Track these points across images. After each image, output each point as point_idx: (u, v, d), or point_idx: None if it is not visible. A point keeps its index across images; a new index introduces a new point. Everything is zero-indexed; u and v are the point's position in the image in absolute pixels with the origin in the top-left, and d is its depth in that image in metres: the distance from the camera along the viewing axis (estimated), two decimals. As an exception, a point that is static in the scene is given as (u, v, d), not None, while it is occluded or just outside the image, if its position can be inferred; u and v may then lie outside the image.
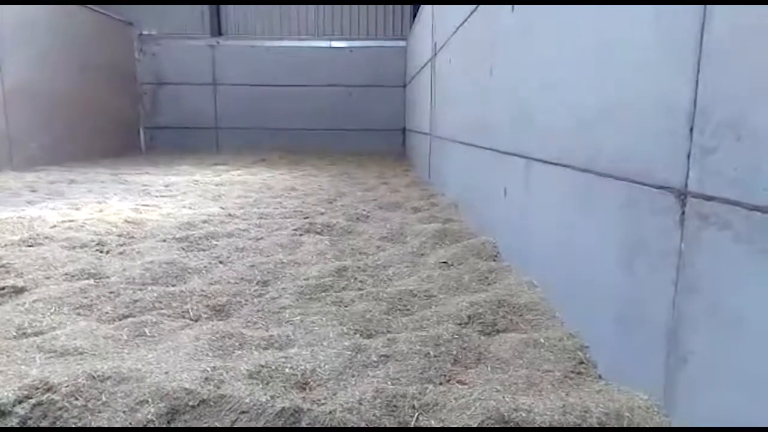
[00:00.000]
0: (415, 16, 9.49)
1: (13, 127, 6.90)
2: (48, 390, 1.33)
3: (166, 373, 1.38)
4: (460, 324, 1.89)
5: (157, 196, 4.76)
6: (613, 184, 1.53)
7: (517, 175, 2.52)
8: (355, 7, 11.30)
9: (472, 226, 3.38)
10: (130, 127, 10.48)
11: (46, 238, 2.95)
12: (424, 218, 3.66)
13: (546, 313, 1.96)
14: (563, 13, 1.97)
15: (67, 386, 1.34)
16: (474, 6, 3.47)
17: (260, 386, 1.38)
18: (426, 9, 6.70)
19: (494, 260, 2.68)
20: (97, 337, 1.67)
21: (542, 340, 1.74)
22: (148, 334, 1.74)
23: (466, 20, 3.80)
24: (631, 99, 1.44)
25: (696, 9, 1.13)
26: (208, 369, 1.42)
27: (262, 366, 1.49)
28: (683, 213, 1.19)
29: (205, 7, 11.03)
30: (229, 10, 11.26)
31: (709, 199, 1.10)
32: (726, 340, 1.06)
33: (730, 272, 1.04)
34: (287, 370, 1.50)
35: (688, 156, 1.16)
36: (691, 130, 1.14)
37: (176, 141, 10.81)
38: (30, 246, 2.83)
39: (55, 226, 3.27)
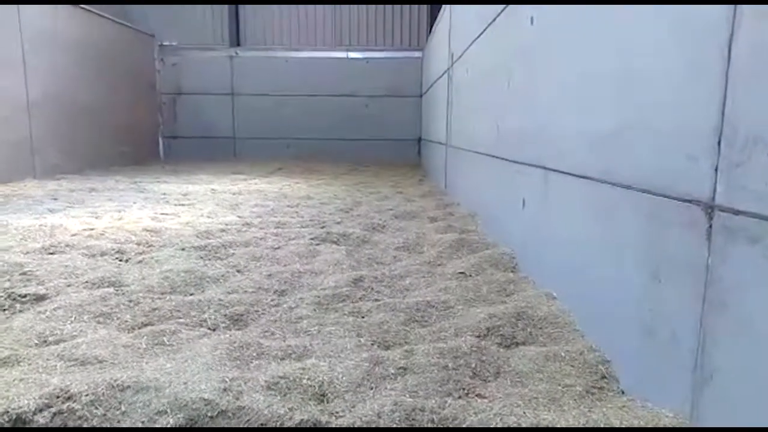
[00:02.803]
0: (431, 27, 9.53)
1: (36, 136, 7.02)
2: (68, 399, 1.34)
3: (185, 383, 1.38)
4: (478, 336, 1.87)
5: (175, 205, 4.81)
6: (636, 196, 1.51)
7: (536, 186, 2.50)
8: (372, 18, 11.38)
9: (489, 236, 3.36)
10: (150, 137, 10.62)
11: (67, 246, 2.99)
12: (441, 228, 3.64)
13: (566, 326, 1.93)
14: (584, 24, 1.95)
15: (87, 395, 1.35)
16: (492, 18, 3.47)
17: (278, 398, 1.38)
18: (443, 20, 6.72)
19: (512, 271, 2.66)
20: (117, 346, 1.68)
21: (563, 354, 1.71)
22: (167, 343, 1.75)
23: (483, 32, 3.80)
24: (655, 110, 1.42)
25: (724, 18, 1.12)
26: (227, 379, 1.42)
27: (281, 377, 1.49)
28: (710, 227, 1.17)
29: (225, 18, 11.19)
30: (247, 22, 11.41)
31: (738, 213, 1.08)
32: (755, 358, 1.03)
33: (760, 288, 1.02)
34: (305, 381, 1.49)
35: (716, 169, 1.14)
36: (719, 143, 1.12)
37: (195, 150, 10.93)
38: (51, 254, 2.87)
39: (75, 234, 3.31)
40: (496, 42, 3.43)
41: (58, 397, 1.34)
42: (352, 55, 10.98)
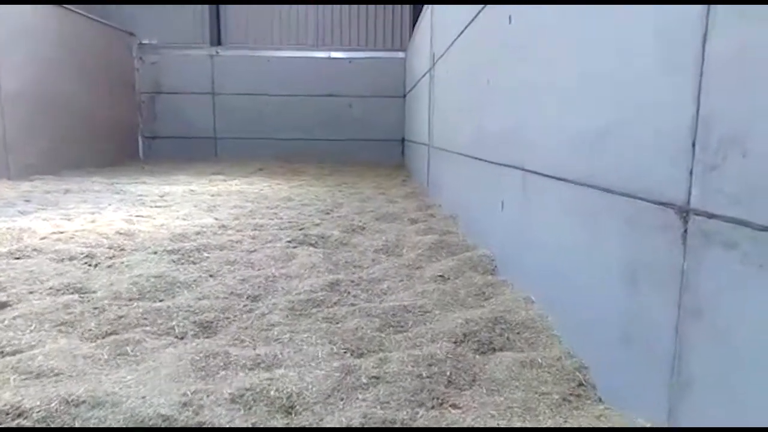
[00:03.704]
0: (414, 26, 9.49)
1: (10, 136, 6.85)
2: (19, 415, 1.27)
3: (143, 397, 1.31)
4: (455, 342, 1.82)
5: (151, 207, 4.71)
6: (612, 198, 1.47)
7: (515, 187, 2.47)
8: (354, 18, 11.31)
9: (469, 238, 3.32)
10: (129, 136, 10.45)
11: (35, 250, 2.89)
12: (421, 230, 3.60)
13: (544, 331, 1.90)
14: (561, 24, 1.92)
15: (39, 411, 1.28)
16: (472, 16, 3.43)
17: (242, 412, 1.32)
18: (425, 19, 6.69)
19: (491, 274, 2.62)
20: (76, 356, 1.60)
21: (540, 360, 1.67)
22: (130, 353, 1.68)
23: (463, 31, 3.76)
24: (629, 111, 1.39)
25: (698, 18, 1.08)
26: (189, 392, 1.35)
27: (246, 389, 1.43)
28: (685, 231, 1.13)
29: (206, 17, 11.05)
30: (229, 20, 11.28)
31: (712, 216, 1.04)
32: (732, 368, 1.00)
33: (736, 295, 0.98)
34: (272, 392, 1.43)
35: (690, 172, 1.10)
36: (693, 144, 1.09)
37: (175, 150, 10.77)
38: (17, 258, 2.77)
39: (44, 237, 3.21)
40: (476, 41, 3.40)
41: (8, 413, 1.27)
42: (335, 55, 10.90)
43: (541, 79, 2.12)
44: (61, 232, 3.35)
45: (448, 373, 1.60)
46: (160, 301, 2.23)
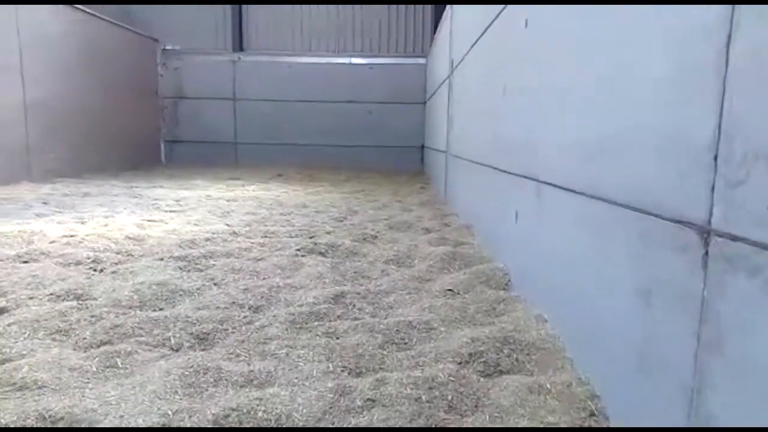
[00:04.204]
0: (435, 32, 9.42)
1: (33, 140, 6.95)
2: (-6, 431, 1.22)
3: (122, 416, 1.25)
4: (459, 363, 1.73)
5: (166, 211, 4.70)
6: (626, 213, 1.37)
7: (528, 198, 2.36)
8: (375, 23, 11.29)
9: (485, 250, 3.22)
10: (151, 141, 10.56)
11: (42, 253, 2.88)
12: (434, 240, 3.50)
13: (555, 353, 1.79)
14: (575, 28, 1.82)
15: (14, 428, 1.22)
16: (489, 21, 3.34)
17: (232, 427, 1.24)
18: (445, 25, 6.61)
19: (504, 289, 2.51)
20: (63, 368, 1.55)
21: (548, 386, 1.57)
22: (120, 365, 1.62)
23: (481, 36, 3.67)
24: (644, 121, 1.28)
25: (721, 20, 0.98)
26: (170, 412, 1.28)
27: (233, 409, 1.35)
28: (706, 253, 1.03)
29: (228, 23, 11.14)
30: (251, 27, 11.36)
31: (736, 239, 0.94)
32: (757, 408, 0.89)
33: (762, 328, 0.87)
34: (260, 414, 1.36)
35: (712, 188, 1.00)
36: (716, 158, 0.98)
37: (195, 155, 10.86)
38: (24, 262, 2.76)
39: (54, 241, 3.20)
40: (493, 47, 3.30)
41: (-18, 429, 1.22)
42: (356, 61, 10.88)
43: (555, 87, 2.02)
44: (72, 236, 3.34)
45: (449, 398, 1.51)
46: (160, 310, 2.18)
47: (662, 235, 1.18)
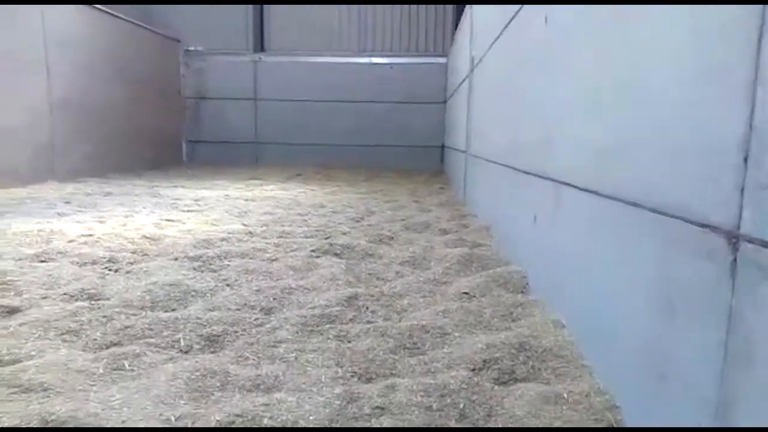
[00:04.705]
0: (456, 31, 9.33)
1: (59, 139, 7.06)
2: (-5, 434, 1.20)
3: (123, 421, 1.22)
4: (473, 369, 1.67)
5: (184, 211, 4.72)
6: (648, 217, 1.30)
7: (547, 199, 2.29)
8: (396, 23, 11.23)
9: (503, 252, 3.15)
10: (173, 141, 10.67)
11: (59, 253, 2.89)
12: (451, 241, 3.44)
13: (573, 361, 1.72)
14: (596, 25, 1.75)
15: (14, 427, 1.20)
16: (509, 19, 3.27)
17: (232, 427, 1.21)
18: (465, 23, 6.53)
19: (521, 293, 2.44)
20: (70, 370, 1.53)
21: (565, 395, 1.50)
22: (127, 368, 1.60)
23: (501, 34, 3.60)
24: (670, 121, 1.21)
25: (751, 17, 0.91)
26: (173, 418, 1.26)
27: (237, 415, 1.32)
28: (735, 260, 0.96)
29: (249, 24, 11.19)
30: (272, 27, 11.39)
31: (767, 245, 0.87)
32: (790, 430, 0.82)
33: (796, 344, 0.81)
34: (266, 420, 1.32)
35: (741, 191, 0.93)
36: (746, 159, 0.92)
37: (217, 155, 10.94)
38: (42, 261, 2.78)
39: (72, 240, 3.22)
40: (513, 45, 3.23)
41: (-16, 432, 1.20)
42: (376, 60, 10.85)
43: (575, 85, 1.95)
44: (90, 235, 3.36)
45: (461, 406, 1.45)
46: (172, 310, 2.16)
47: (686, 240, 1.12)
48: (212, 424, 1.26)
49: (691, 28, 1.14)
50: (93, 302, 2.16)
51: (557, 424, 1.37)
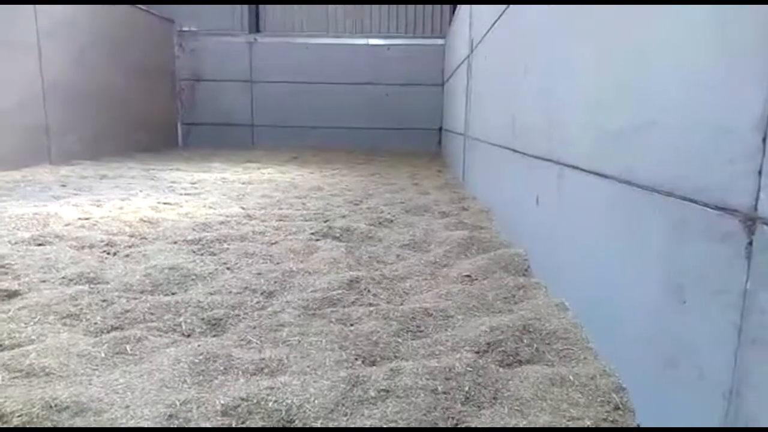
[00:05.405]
0: (454, 12, 9.22)
1: (52, 121, 6.97)
2: (-2, 419, 1.19)
3: (127, 406, 1.21)
4: (477, 352, 1.67)
5: (181, 194, 4.68)
6: (659, 199, 1.28)
7: (550, 182, 2.27)
8: (394, 5, 11.09)
9: (503, 234, 3.14)
10: (168, 123, 10.57)
11: (57, 236, 2.86)
12: (452, 224, 3.42)
13: (577, 343, 1.72)
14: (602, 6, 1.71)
15: (19, 416, 1.19)
16: (510, -3, 3.22)
17: (234, 426, 1.20)
18: (464, 5, 6.44)
19: (524, 275, 2.44)
20: (71, 354, 1.52)
21: (571, 377, 1.50)
22: (129, 352, 1.59)
23: (502, 14, 3.55)
24: (684, 101, 1.19)
25: (775, -17, 0.89)
26: (177, 402, 1.24)
27: (242, 399, 1.31)
28: (750, 243, 0.94)
29: (245, 5, 11.03)
30: (267, 7, 11.24)
31: (787, 227, 0.85)
32: (807, 413, 0.81)
33: (815, 326, 0.79)
34: (270, 404, 1.31)
35: (759, 172, 0.91)
36: (764, 140, 0.89)
37: (212, 137, 10.85)
38: (39, 245, 2.75)
39: (69, 224, 3.19)
40: (514, 25, 3.18)
41: (-13, 417, 1.19)
42: (373, 41, 10.73)
43: (582, 65, 1.92)
44: (87, 219, 3.32)
45: (466, 389, 1.45)
46: (172, 294, 2.14)
47: (699, 223, 1.10)
48: (217, 408, 1.25)
49: (710, 7, 1.11)
50: (92, 286, 2.13)
51: (564, 406, 1.36)
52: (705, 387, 1.07)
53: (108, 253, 2.67)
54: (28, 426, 1.17)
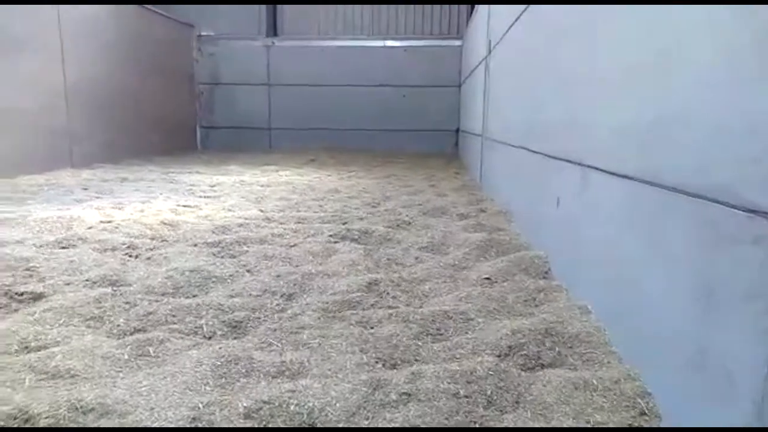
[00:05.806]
0: (471, 13, 9.19)
1: (74, 125, 7.08)
2: (26, 421, 1.21)
3: (152, 408, 1.22)
4: (498, 356, 1.65)
5: (200, 197, 4.73)
6: (686, 201, 1.26)
7: (572, 183, 2.25)
8: (411, 6, 11.09)
9: (522, 237, 3.11)
10: (187, 126, 10.69)
11: (80, 239, 2.91)
12: (470, 226, 3.41)
13: (601, 347, 1.69)
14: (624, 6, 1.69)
15: (46, 417, 1.21)
16: (529, -2, 3.19)
17: (256, 427, 1.20)
18: (482, 6, 6.42)
19: (544, 278, 2.41)
20: (96, 356, 1.54)
21: (594, 381, 1.48)
22: (152, 354, 1.60)
23: (521, 14, 3.52)
24: (712, 100, 1.17)
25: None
26: (201, 405, 1.25)
27: (265, 402, 1.31)
28: (783, 245, 0.92)
29: (262, 8, 11.11)
30: (285, 11, 11.31)
31: (822, 230, 0.83)
32: (844, 422, 0.79)
33: None
34: (292, 407, 1.31)
35: (793, 173, 0.89)
36: (799, 138, 0.87)
37: (230, 140, 10.94)
38: (63, 248, 2.79)
39: (92, 227, 3.24)
40: (533, 25, 3.16)
41: (15, 418, 1.21)
42: (390, 43, 10.73)
43: (606, 65, 1.90)
44: (109, 222, 3.37)
45: (488, 392, 1.43)
46: (194, 296, 2.16)
47: (729, 225, 1.08)
48: (240, 411, 1.26)
49: (736, 4, 1.09)
50: (115, 288, 2.16)
51: (588, 410, 1.35)
52: (734, 393, 1.04)
53: (130, 256, 2.70)
54: (53, 425, 1.19)
